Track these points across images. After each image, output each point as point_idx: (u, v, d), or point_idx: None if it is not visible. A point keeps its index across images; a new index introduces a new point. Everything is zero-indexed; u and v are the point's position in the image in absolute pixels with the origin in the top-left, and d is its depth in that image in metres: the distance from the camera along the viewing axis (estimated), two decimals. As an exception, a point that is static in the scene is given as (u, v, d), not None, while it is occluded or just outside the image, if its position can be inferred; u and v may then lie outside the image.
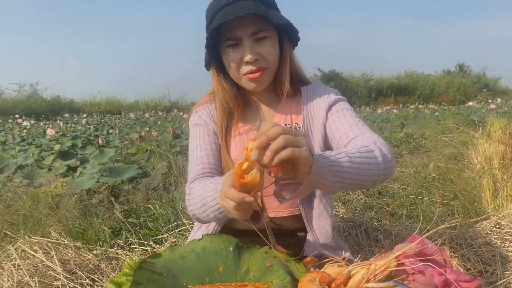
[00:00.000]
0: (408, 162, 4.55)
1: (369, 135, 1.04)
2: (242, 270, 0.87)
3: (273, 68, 1.12)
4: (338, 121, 1.12)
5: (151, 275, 0.80)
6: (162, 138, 6.40)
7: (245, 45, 1.05)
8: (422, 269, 0.75)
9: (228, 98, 1.16)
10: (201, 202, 1.02)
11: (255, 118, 1.22)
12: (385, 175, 0.99)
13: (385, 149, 0.98)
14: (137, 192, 3.15)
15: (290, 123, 1.19)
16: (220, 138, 1.18)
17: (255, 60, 1.06)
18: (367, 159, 0.93)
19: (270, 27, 1.07)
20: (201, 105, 1.25)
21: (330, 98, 1.17)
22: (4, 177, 4.02)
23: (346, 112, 1.14)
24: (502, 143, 3.78)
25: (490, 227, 1.65)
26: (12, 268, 1.43)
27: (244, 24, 1.03)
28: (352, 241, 1.74)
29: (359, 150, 0.94)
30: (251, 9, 0.98)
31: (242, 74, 1.09)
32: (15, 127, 11.50)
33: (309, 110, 1.18)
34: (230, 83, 1.17)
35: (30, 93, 24.33)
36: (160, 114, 17.80)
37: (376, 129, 8.30)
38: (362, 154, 0.93)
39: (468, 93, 25.88)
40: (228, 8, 1.01)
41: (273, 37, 1.09)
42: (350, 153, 0.92)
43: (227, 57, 1.08)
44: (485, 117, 8.67)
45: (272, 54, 1.08)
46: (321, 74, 24.66)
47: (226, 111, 1.18)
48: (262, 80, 1.11)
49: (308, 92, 1.21)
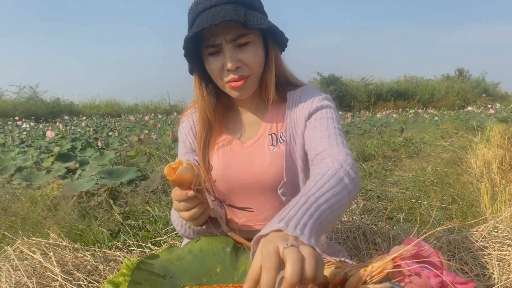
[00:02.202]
0: (407, 166, 4.56)
1: (334, 153, 0.91)
2: (239, 271, 0.88)
3: (257, 74, 1.06)
4: (313, 131, 1.03)
5: (148, 275, 0.80)
6: (161, 141, 6.41)
7: (226, 52, 0.99)
8: (418, 271, 0.75)
9: (207, 108, 1.10)
10: (179, 223, 1.09)
11: (240, 127, 1.16)
12: (354, 197, 0.87)
13: (351, 170, 0.85)
14: (136, 194, 3.15)
15: (275, 132, 1.13)
16: (198, 150, 1.13)
17: (236, 68, 1.00)
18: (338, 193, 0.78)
19: (252, 32, 0.99)
20: (187, 113, 1.21)
21: (312, 105, 1.08)
22: (3, 179, 4.02)
23: (324, 121, 1.04)
24: (501, 148, 3.80)
25: (488, 230, 1.65)
26: (10, 269, 1.43)
27: (223, 31, 0.97)
28: (350, 244, 1.74)
29: (325, 186, 0.77)
30: (227, 16, 0.91)
31: (225, 82, 1.03)
32: (14, 129, 11.50)
33: (292, 118, 1.10)
34: (210, 93, 1.11)
35: (30, 95, 24.32)
36: (159, 117, 17.82)
37: (376, 133, 8.31)
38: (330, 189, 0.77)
39: (467, 98, 25.93)
40: (205, 13, 0.95)
41: (256, 42, 1.02)
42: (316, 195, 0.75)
43: (209, 65, 1.03)
44: (484, 122, 8.69)
45: (254, 61, 1.02)
46: (321, 78, 24.73)
47: (206, 122, 1.12)
48: (245, 89, 1.05)
49: (293, 98, 1.13)
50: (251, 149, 1.12)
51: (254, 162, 1.11)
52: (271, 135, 1.12)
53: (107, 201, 3.04)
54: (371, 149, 5.52)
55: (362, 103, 24.46)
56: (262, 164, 1.10)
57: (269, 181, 1.10)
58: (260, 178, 1.10)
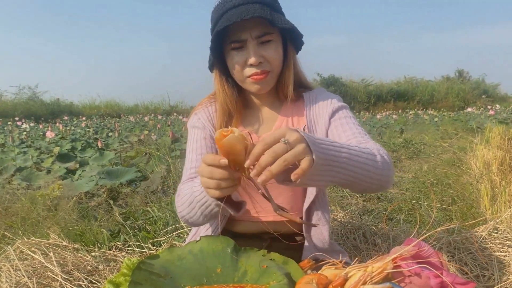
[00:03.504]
0: (407, 167, 4.56)
1: (372, 144, 1.04)
2: (239, 272, 0.88)
3: (276, 71, 1.13)
4: (341, 128, 1.13)
5: (149, 275, 0.80)
6: (161, 142, 6.41)
7: (250, 48, 1.05)
8: (418, 271, 0.75)
9: (228, 101, 1.17)
10: (188, 200, 1.01)
11: (256, 121, 1.22)
12: (382, 180, 0.94)
13: (386, 157, 0.98)
14: (136, 195, 3.15)
15: (292, 125, 1.19)
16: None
17: (259, 63, 1.07)
18: (366, 159, 0.91)
19: (274, 31, 1.07)
20: (201, 107, 1.25)
21: (333, 104, 1.18)
22: (3, 179, 4.02)
23: (349, 120, 1.15)
24: (501, 149, 3.80)
25: (488, 231, 1.65)
26: (10, 269, 1.43)
27: (249, 27, 1.04)
28: (350, 244, 1.74)
29: (361, 150, 0.92)
30: (256, 13, 0.99)
31: (246, 76, 1.10)
32: (14, 130, 11.50)
33: (312, 115, 1.18)
34: (232, 86, 1.17)
35: (30, 96, 24.34)
36: (159, 117, 17.82)
37: (376, 134, 8.32)
38: (363, 153, 0.91)
39: (467, 99, 25.92)
40: (233, 10, 1.02)
41: (277, 41, 1.09)
42: (352, 149, 0.89)
43: (231, 59, 1.09)
44: (484, 123, 8.70)
45: (275, 58, 1.09)
46: (321, 79, 24.69)
47: (226, 114, 1.18)
48: (265, 83, 1.12)
49: (310, 98, 1.22)
50: None
51: None
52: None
53: (107, 201, 3.04)
54: (371, 150, 5.51)
55: (362, 104, 24.44)
56: None
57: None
58: None
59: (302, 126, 1.19)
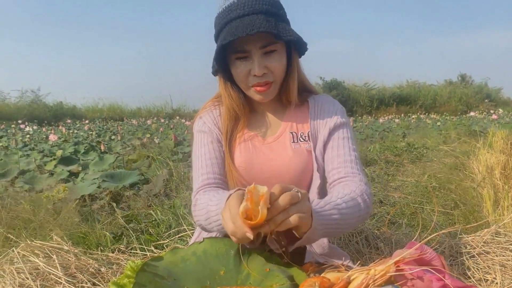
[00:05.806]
0: (409, 171, 4.56)
1: (357, 181, 1.08)
2: (243, 274, 0.88)
3: (279, 80, 1.14)
4: (337, 151, 1.14)
5: (153, 277, 0.81)
6: (164, 145, 6.43)
7: (254, 59, 1.06)
8: (420, 275, 0.75)
9: (235, 105, 1.18)
10: (205, 215, 1.04)
11: (260, 125, 1.23)
12: (362, 222, 1.07)
13: (367, 197, 1.03)
14: (138, 198, 3.16)
15: (295, 131, 1.20)
16: (224, 145, 1.19)
17: (263, 74, 1.07)
18: (352, 213, 0.98)
19: (279, 41, 1.07)
20: (205, 111, 1.26)
21: (337, 119, 1.18)
22: (6, 182, 4.04)
23: (346, 143, 1.16)
24: (504, 153, 3.79)
25: (490, 236, 1.65)
26: (13, 272, 1.44)
27: (253, 39, 1.04)
28: (352, 248, 1.74)
29: (348, 205, 0.98)
30: (262, 27, 0.98)
31: (250, 85, 1.11)
32: (17, 133, 11.55)
33: (315, 125, 1.20)
34: (237, 90, 1.18)
35: (33, 99, 24.38)
36: (162, 121, 17.85)
37: (378, 138, 8.31)
38: (348, 208, 0.98)
39: (470, 103, 25.84)
40: (238, 21, 1.01)
41: (281, 51, 1.10)
42: (339, 207, 0.96)
43: (236, 68, 1.09)
44: (487, 127, 8.67)
45: (279, 68, 1.10)
46: (323, 82, 24.68)
47: (233, 118, 1.20)
48: (269, 93, 1.13)
49: (316, 105, 1.23)
50: (273, 145, 1.20)
51: (275, 158, 1.17)
52: (291, 133, 1.20)
53: (109, 204, 3.04)
54: (374, 154, 5.52)
55: (364, 108, 24.41)
56: (284, 159, 1.17)
57: (288, 176, 1.16)
58: (281, 172, 1.16)
59: (306, 132, 1.20)
